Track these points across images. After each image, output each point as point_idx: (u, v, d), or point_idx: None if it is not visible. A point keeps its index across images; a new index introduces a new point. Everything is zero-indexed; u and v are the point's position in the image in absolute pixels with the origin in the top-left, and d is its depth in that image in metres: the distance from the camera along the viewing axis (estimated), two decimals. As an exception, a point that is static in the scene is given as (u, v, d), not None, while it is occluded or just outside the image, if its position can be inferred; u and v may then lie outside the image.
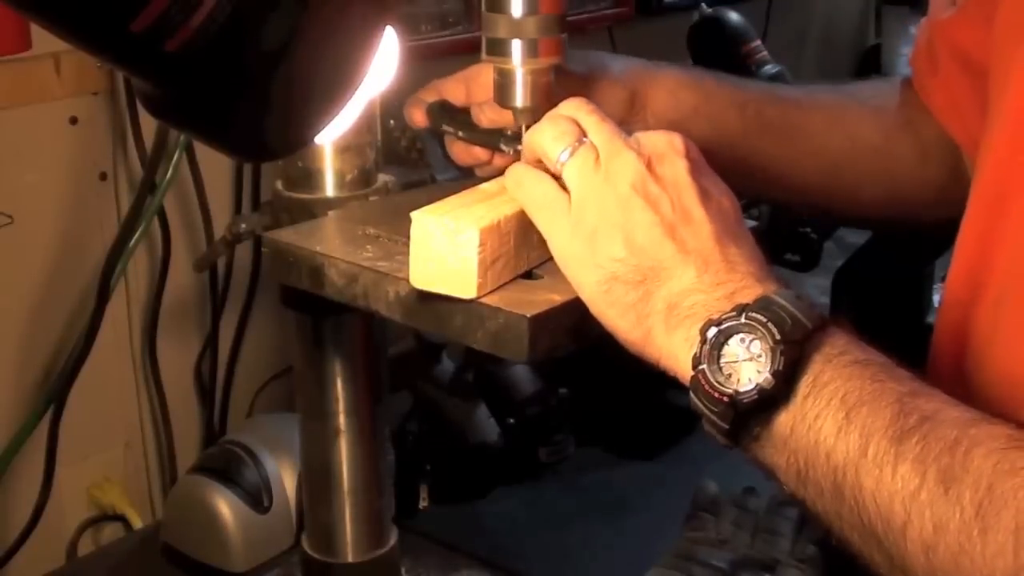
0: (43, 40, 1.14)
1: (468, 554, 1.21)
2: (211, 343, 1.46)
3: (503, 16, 0.80)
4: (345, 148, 0.91)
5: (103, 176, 1.33)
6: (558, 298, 0.73)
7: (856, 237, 1.68)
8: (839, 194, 1.02)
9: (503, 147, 0.88)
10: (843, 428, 0.63)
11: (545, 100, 0.82)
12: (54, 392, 1.29)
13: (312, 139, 0.72)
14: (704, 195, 0.71)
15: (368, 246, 0.80)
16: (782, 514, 1.18)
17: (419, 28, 1.57)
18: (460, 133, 0.92)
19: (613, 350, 0.72)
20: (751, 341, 0.64)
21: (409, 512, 1.31)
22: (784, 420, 0.65)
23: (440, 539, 1.23)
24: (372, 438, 1.00)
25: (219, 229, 1.36)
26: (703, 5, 1.70)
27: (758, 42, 1.65)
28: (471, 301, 0.72)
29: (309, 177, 0.92)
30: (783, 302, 0.65)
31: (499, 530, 1.32)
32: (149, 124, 1.30)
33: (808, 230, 1.64)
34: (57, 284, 1.32)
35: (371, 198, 0.92)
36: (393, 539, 1.04)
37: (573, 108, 0.75)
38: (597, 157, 0.72)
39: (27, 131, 1.26)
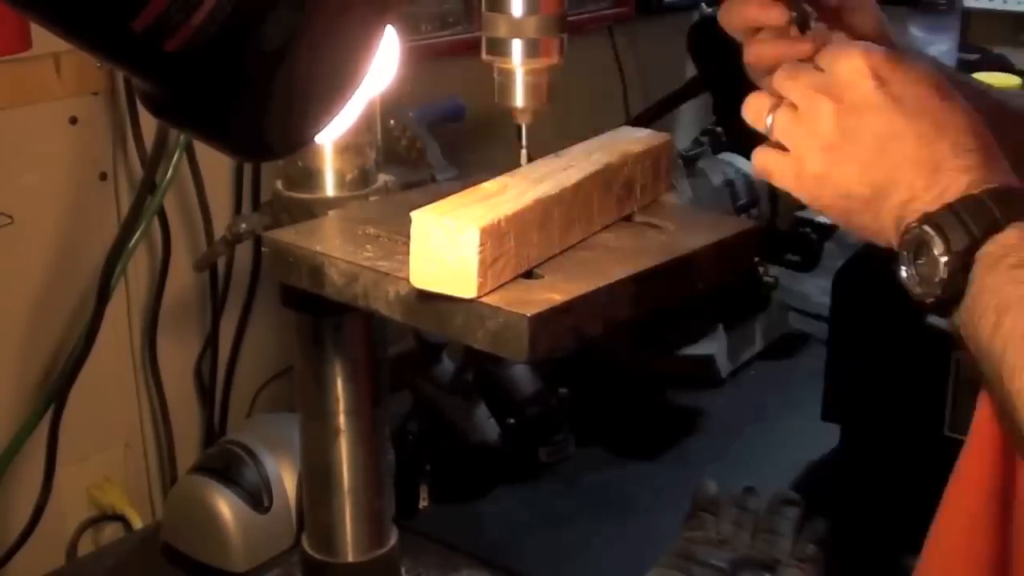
0: (43, 40, 1.14)
1: (468, 554, 1.21)
2: (211, 343, 1.46)
3: (503, 16, 0.80)
4: (345, 148, 0.91)
5: (103, 176, 1.33)
6: (558, 298, 0.73)
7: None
8: None
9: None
10: (994, 331, 0.67)
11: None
12: (54, 392, 1.29)
13: (312, 139, 0.72)
14: (898, 104, 0.74)
15: (368, 246, 0.80)
16: (782, 514, 1.18)
17: (419, 28, 1.57)
18: None
19: (613, 350, 0.72)
20: (929, 250, 0.70)
21: (409, 512, 1.30)
22: (960, 316, 0.70)
23: (440, 539, 1.23)
24: (372, 438, 1.00)
25: (219, 229, 1.36)
26: (703, 5, 1.71)
27: (758, 42, 1.64)
28: (471, 301, 0.72)
29: (309, 177, 0.92)
30: (959, 211, 0.69)
31: (499, 530, 1.32)
32: (149, 124, 1.30)
33: (808, 230, 1.64)
34: (57, 284, 1.32)
35: (371, 198, 0.92)
36: (393, 539, 1.04)
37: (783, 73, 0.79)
38: (796, 112, 0.77)
39: (27, 131, 1.26)
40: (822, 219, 1.64)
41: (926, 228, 0.71)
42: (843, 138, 0.75)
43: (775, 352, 1.74)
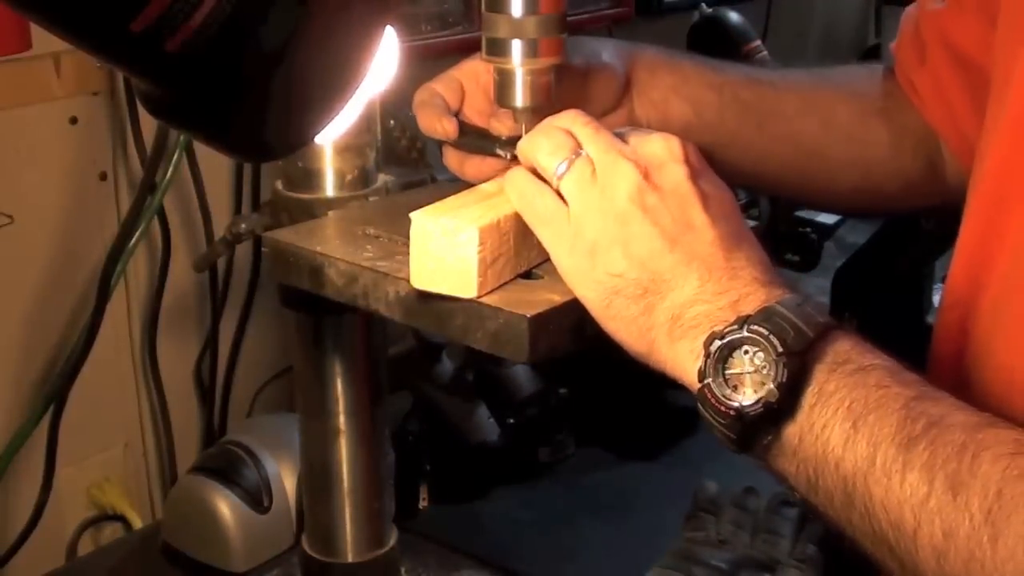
0: (43, 40, 1.14)
1: (468, 554, 1.21)
2: (211, 343, 1.46)
3: (503, 16, 0.80)
4: (345, 148, 0.91)
5: (103, 176, 1.33)
6: (558, 298, 0.73)
7: (856, 237, 1.68)
8: (813, 180, 1.01)
9: (499, 152, 0.87)
10: (850, 437, 0.63)
11: (545, 100, 0.82)
12: (54, 392, 1.29)
13: (312, 139, 0.72)
14: (705, 200, 0.70)
15: (368, 246, 0.80)
16: (782, 514, 1.18)
17: (419, 28, 1.57)
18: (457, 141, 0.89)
19: (613, 350, 0.72)
20: (754, 353, 0.64)
21: (409, 512, 1.31)
22: (792, 431, 0.65)
23: (440, 539, 1.23)
24: (372, 438, 1.00)
25: (219, 229, 1.36)
26: (703, 5, 1.71)
27: (758, 42, 1.65)
28: (471, 301, 0.72)
29: (309, 177, 0.92)
30: (785, 312, 0.65)
31: (499, 530, 1.32)
32: (149, 124, 1.30)
33: (808, 230, 1.64)
34: (57, 284, 1.32)
35: (371, 198, 0.92)
36: (393, 539, 1.04)
37: (568, 120, 0.74)
38: (594, 170, 0.71)
39: (27, 131, 1.26)
40: (822, 219, 1.64)
41: (755, 327, 0.63)
42: (639, 213, 0.69)
43: (775, 352, 1.73)
